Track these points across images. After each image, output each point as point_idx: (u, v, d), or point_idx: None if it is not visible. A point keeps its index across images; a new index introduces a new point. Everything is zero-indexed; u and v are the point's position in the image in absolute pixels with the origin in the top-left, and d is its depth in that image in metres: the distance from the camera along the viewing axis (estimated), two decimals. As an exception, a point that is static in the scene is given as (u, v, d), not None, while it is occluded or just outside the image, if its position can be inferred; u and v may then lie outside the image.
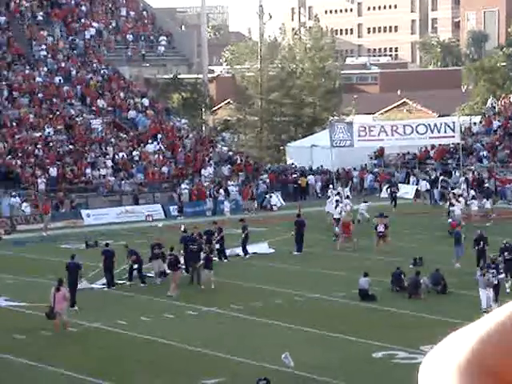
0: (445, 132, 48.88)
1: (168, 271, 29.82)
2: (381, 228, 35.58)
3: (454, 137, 49.53)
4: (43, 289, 27.12)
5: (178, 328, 25.47)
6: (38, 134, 51.68)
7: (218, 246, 34.21)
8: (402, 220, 42.55)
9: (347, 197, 44.28)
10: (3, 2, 62.75)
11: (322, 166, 54.75)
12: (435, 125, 49.45)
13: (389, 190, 48.16)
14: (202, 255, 30.20)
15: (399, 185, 51.66)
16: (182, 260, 30.64)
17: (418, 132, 49.16)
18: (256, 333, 24.99)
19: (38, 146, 50.49)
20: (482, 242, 31.88)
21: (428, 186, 50.58)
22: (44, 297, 25.60)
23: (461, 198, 42.43)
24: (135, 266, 30.65)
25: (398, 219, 41.70)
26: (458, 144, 50.30)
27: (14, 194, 45.86)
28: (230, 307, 27.31)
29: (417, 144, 53.94)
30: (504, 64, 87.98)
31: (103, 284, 30.45)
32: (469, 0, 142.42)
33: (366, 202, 43.50)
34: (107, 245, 31.49)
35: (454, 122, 49.77)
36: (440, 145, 55.23)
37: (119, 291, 29.99)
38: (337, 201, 41.69)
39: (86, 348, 23.83)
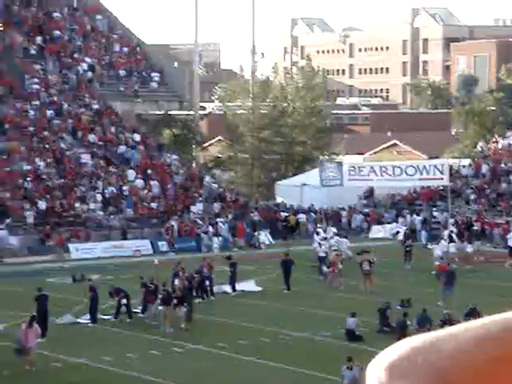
0: (434, 174, 49.13)
1: (160, 307, 29.67)
2: (366, 266, 35.46)
3: (442, 179, 49.76)
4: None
5: (163, 365, 25.32)
6: (28, 167, 51.69)
7: (207, 283, 34.18)
8: (390, 260, 42.54)
9: (336, 235, 44.07)
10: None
11: (312, 205, 54.83)
12: (424, 167, 49.73)
13: (405, 243, 42.77)
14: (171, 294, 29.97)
15: (394, 225, 51.60)
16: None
17: (407, 173, 49.39)
18: (241, 371, 24.86)
19: (28, 179, 50.48)
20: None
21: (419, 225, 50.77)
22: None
23: (442, 241, 42.54)
24: (124, 301, 30.50)
25: (386, 260, 41.69)
26: (447, 186, 50.51)
27: (1, 226, 45.75)
28: (216, 345, 27.20)
29: (406, 185, 54.18)
30: (493, 108, 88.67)
31: (88, 319, 30.31)
32: (459, 44, 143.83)
33: (346, 238, 43.44)
34: (90, 279, 31.53)
35: (442, 165, 50.03)
36: (428, 187, 55.48)
37: (105, 326, 29.84)
38: (325, 238, 41.64)
39: None
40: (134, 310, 31.10)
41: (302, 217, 53.74)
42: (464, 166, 61.04)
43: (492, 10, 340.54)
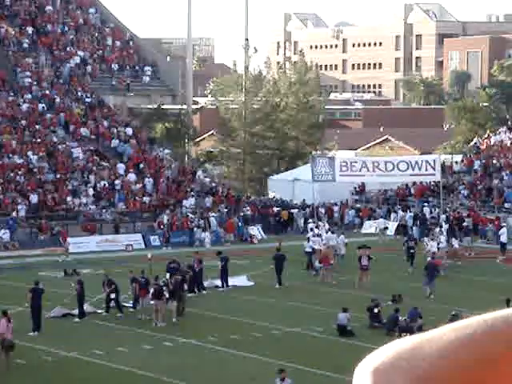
0: (425, 170, 49.16)
1: (152, 302, 29.62)
2: (364, 261, 35.44)
3: (434, 175, 49.81)
4: (15, 317, 26.87)
5: (154, 359, 25.32)
6: (20, 161, 51.58)
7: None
8: (383, 256, 42.56)
9: (329, 230, 44.00)
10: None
11: (303, 200, 54.84)
12: (416, 162, 49.75)
13: (405, 244, 41.16)
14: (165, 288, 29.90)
15: (382, 220, 51.69)
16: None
17: (399, 169, 49.42)
18: (233, 365, 24.87)
19: (20, 173, 50.36)
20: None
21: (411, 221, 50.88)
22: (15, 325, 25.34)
23: (441, 236, 42.56)
24: (113, 296, 30.48)
25: (379, 255, 41.71)
26: (439, 182, 50.59)
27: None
28: (207, 339, 27.19)
29: (398, 181, 54.23)
30: (486, 104, 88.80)
31: (79, 313, 30.28)
32: (452, 40, 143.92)
33: (343, 234, 43.47)
34: (78, 274, 31.55)
35: (434, 160, 50.07)
36: (421, 182, 55.55)
37: (96, 321, 29.81)
38: (318, 235, 41.55)
39: (63, 378, 23.62)
40: (124, 305, 31.07)
41: (295, 212, 53.69)
42: (456, 162, 61.13)
43: (485, 5, 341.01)
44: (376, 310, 28.69)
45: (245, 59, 71.98)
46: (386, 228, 50.82)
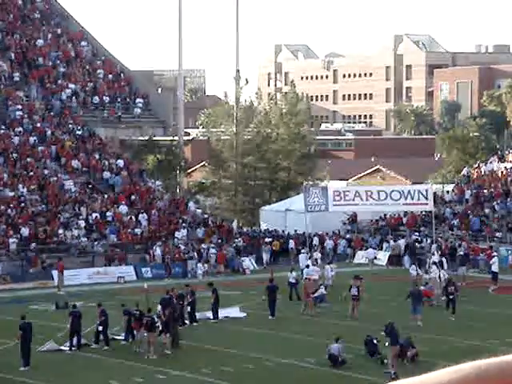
0: (418, 199, 49.26)
1: (145, 334, 29.44)
2: (354, 291, 35.42)
3: (427, 204, 49.89)
4: (6, 351, 26.73)
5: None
6: (11, 194, 51.50)
7: (188, 309, 34.02)
8: (375, 286, 42.49)
9: (316, 262, 43.90)
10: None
11: (295, 231, 54.77)
12: (409, 192, 49.86)
13: (445, 290, 36.62)
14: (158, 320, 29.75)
15: (371, 250, 51.64)
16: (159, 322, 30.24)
17: (392, 198, 49.51)
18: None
19: (11, 206, 50.27)
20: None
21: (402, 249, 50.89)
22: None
23: (433, 266, 42.48)
24: (100, 328, 30.27)
25: (371, 285, 41.62)
26: (431, 212, 50.64)
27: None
28: (199, 371, 27.03)
29: (390, 210, 54.30)
30: (476, 134, 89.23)
31: (72, 346, 30.07)
32: (442, 71, 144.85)
33: (330, 263, 43.34)
34: (74, 306, 31.30)
35: (427, 190, 50.18)
36: (412, 212, 55.60)
37: (87, 353, 29.62)
38: (307, 266, 41.31)
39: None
40: (116, 337, 30.87)
41: (291, 243, 53.43)
42: (448, 192, 61.24)
43: (474, 36, 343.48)
44: (375, 342, 28.50)
45: (236, 90, 72.25)
46: (375, 258, 50.81)
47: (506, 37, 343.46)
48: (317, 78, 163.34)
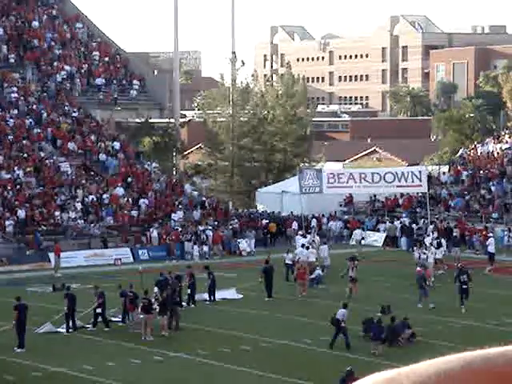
0: (412, 181, 49.26)
1: (141, 316, 29.51)
2: (351, 273, 35.62)
3: (420, 186, 49.91)
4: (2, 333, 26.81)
5: (144, 373, 25.25)
6: (7, 176, 51.47)
7: (188, 291, 34.14)
8: (371, 267, 42.62)
9: (313, 243, 43.90)
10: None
11: (291, 213, 54.83)
12: (402, 173, 49.87)
13: (457, 279, 34.36)
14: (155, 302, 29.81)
15: (368, 232, 51.76)
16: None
17: (385, 180, 49.52)
18: (222, 379, 24.83)
19: (7, 188, 50.25)
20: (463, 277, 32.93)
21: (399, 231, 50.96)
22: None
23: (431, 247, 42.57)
24: (98, 310, 30.36)
25: (367, 266, 41.76)
26: (425, 193, 50.70)
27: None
28: (196, 353, 27.14)
29: (384, 192, 54.33)
30: (472, 115, 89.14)
31: (69, 328, 30.16)
32: (438, 52, 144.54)
33: (325, 244, 43.33)
34: (68, 288, 31.42)
35: (420, 172, 50.17)
36: (407, 193, 55.66)
37: (85, 335, 29.72)
38: (307, 247, 41.40)
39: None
40: (113, 319, 30.98)
41: (294, 224, 53.32)
42: (444, 173, 61.27)
43: (470, 17, 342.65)
44: (375, 321, 28.47)
45: (232, 72, 72.08)
46: (363, 238, 50.80)
47: (502, 17, 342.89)
48: (313, 59, 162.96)
